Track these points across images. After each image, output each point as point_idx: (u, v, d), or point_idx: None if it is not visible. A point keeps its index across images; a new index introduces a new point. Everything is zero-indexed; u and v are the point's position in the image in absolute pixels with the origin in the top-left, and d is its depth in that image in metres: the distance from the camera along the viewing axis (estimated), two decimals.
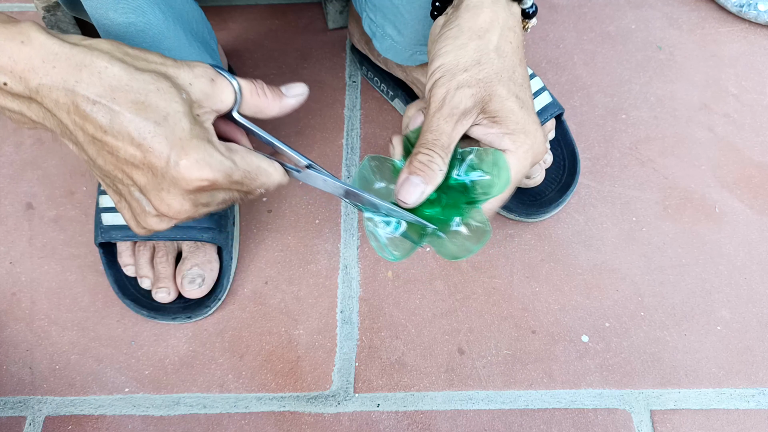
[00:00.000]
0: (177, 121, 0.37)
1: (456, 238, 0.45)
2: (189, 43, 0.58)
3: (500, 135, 0.45)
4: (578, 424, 0.59)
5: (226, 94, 0.40)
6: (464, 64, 0.44)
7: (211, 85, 0.39)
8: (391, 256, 0.46)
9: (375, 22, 0.67)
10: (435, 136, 0.44)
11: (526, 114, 0.45)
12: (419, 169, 0.44)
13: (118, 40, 0.53)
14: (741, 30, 0.85)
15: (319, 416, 0.60)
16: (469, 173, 0.45)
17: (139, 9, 0.52)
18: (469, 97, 0.44)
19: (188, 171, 0.37)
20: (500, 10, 0.46)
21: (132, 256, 0.64)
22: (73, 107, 0.37)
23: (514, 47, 0.46)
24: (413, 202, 0.44)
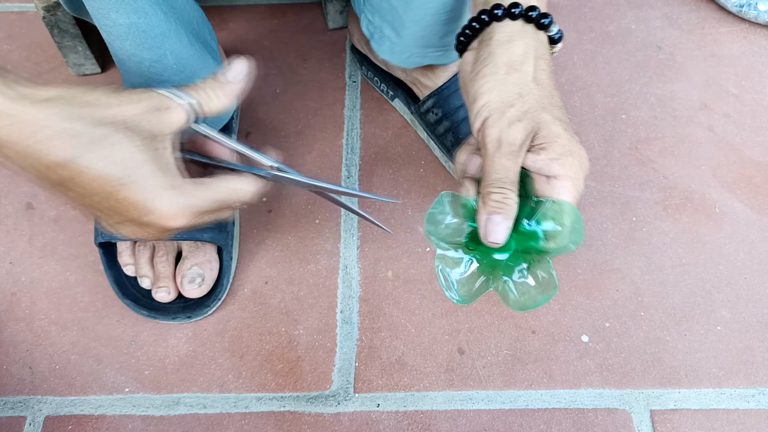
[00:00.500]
0: (140, 171, 0.38)
1: (523, 287, 0.46)
2: (191, 44, 0.58)
3: (548, 161, 0.45)
4: (578, 424, 0.59)
5: (175, 116, 0.41)
6: (508, 99, 0.45)
7: (158, 114, 0.40)
8: (459, 297, 0.47)
9: (373, 23, 0.67)
10: (502, 174, 0.45)
11: (570, 136, 0.46)
12: (497, 207, 0.44)
13: (120, 40, 0.54)
14: (741, 30, 0.85)
15: (319, 416, 0.60)
16: (541, 223, 0.45)
17: (141, 10, 0.52)
18: (521, 130, 0.44)
19: (159, 221, 0.40)
20: (530, 40, 0.47)
21: (132, 255, 0.64)
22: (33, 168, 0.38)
23: (548, 74, 0.47)
24: (503, 239, 0.45)
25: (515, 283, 0.47)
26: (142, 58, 0.55)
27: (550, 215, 0.45)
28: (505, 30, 0.47)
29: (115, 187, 0.38)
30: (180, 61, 0.57)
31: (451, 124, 0.69)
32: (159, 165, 0.39)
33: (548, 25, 0.48)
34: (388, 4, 0.62)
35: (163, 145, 0.40)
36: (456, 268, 0.48)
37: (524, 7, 0.47)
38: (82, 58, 0.78)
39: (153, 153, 0.39)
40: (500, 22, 0.48)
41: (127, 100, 0.39)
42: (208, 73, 0.61)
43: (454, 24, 0.62)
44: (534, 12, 0.47)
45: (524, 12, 0.47)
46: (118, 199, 0.39)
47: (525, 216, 0.46)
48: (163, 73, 0.57)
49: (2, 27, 0.85)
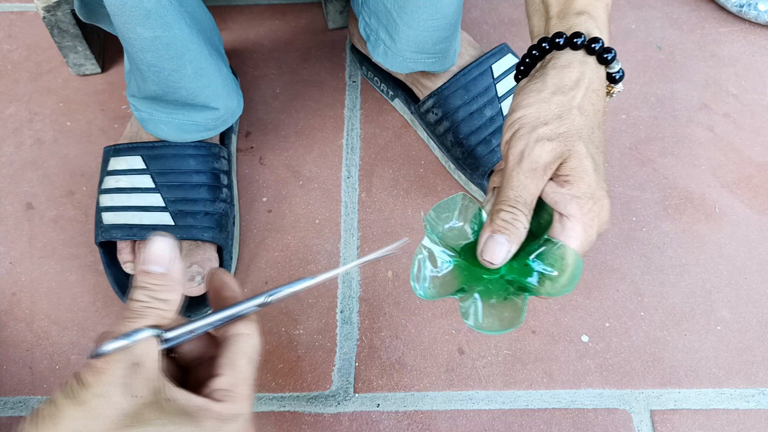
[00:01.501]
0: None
1: (490, 313, 0.43)
2: (209, 54, 0.59)
3: (568, 197, 0.42)
4: (578, 424, 0.59)
5: (152, 353, 0.32)
6: (545, 117, 0.43)
7: (142, 368, 0.31)
8: (422, 291, 0.44)
9: (370, 25, 0.67)
10: (516, 192, 0.42)
11: (598, 179, 0.42)
12: (503, 227, 0.41)
13: (142, 52, 0.54)
14: (741, 30, 0.85)
15: (319, 416, 0.60)
16: (541, 263, 0.43)
17: (167, 24, 0.53)
18: (549, 151, 0.42)
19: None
20: (588, 71, 0.45)
21: (132, 253, 0.64)
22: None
23: (595, 109, 0.45)
24: (500, 261, 0.42)
25: (485, 305, 0.43)
26: (162, 68, 0.56)
27: (553, 259, 0.42)
28: (564, 57, 0.45)
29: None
30: (198, 70, 0.58)
31: (451, 124, 0.69)
32: (190, 417, 0.32)
33: (610, 60, 0.46)
34: (383, 7, 0.62)
35: (168, 390, 0.32)
36: (434, 265, 0.45)
37: (587, 38, 0.45)
38: (82, 58, 0.78)
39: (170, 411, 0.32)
40: (561, 50, 0.46)
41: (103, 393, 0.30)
42: (222, 80, 0.61)
43: (447, 31, 0.62)
44: (597, 44, 0.45)
45: (586, 43, 0.45)
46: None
47: (530, 249, 0.43)
48: (180, 81, 0.58)
49: (2, 27, 0.85)
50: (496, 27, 0.85)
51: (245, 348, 0.35)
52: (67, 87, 0.80)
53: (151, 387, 0.31)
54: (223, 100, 0.63)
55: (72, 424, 0.29)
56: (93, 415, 0.29)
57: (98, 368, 0.30)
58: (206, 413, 0.32)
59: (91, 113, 0.78)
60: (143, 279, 0.34)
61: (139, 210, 0.62)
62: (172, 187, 0.63)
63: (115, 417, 0.30)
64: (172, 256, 0.34)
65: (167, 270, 0.34)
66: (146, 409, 0.31)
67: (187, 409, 0.32)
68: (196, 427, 0.32)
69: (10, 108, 0.78)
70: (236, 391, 0.34)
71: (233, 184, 0.70)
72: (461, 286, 0.44)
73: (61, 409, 0.29)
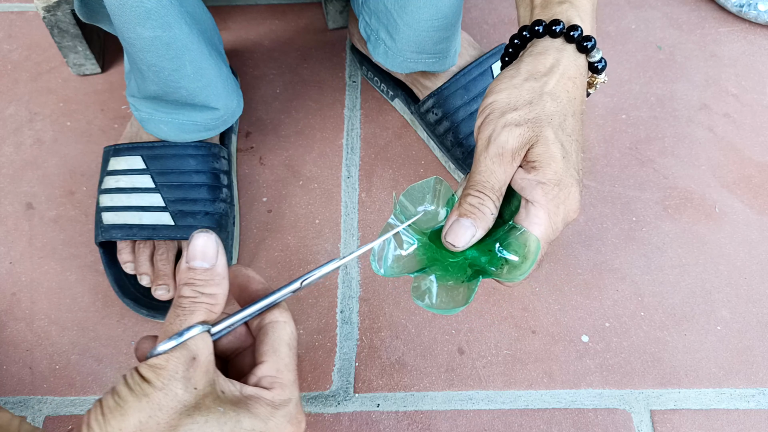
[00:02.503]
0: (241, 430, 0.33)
1: (445, 294, 0.43)
2: (209, 54, 0.59)
3: (534, 183, 0.42)
4: (578, 424, 0.59)
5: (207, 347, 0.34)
6: (515, 103, 0.43)
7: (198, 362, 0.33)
8: (383, 270, 0.44)
9: (370, 25, 0.67)
10: (484, 177, 0.42)
11: (567, 166, 0.42)
12: (470, 211, 0.42)
13: (142, 52, 0.54)
14: (741, 30, 0.85)
15: (319, 416, 0.60)
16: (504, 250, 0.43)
17: (167, 24, 0.53)
18: (516, 136, 0.42)
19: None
20: (564, 58, 0.44)
21: (132, 253, 0.64)
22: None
23: (570, 97, 0.44)
24: (463, 245, 0.42)
25: (440, 286, 0.43)
26: (161, 68, 0.56)
27: (516, 245, 0.42)
28: (542, 44, 0.45)
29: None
30: (198, 70, 0.58)
31: (451, 124, 0.69)
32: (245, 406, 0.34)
33: (590, 49, 0.45)
34: (384, 7, 0.62)
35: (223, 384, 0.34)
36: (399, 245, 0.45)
37: (566, 26, 0.45)
38: (82, 58, 0.78)
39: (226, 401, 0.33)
40: (540, 38, 0.46)
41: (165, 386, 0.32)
42: (222, 80, 0.61)
43: (447, 31, 0.62)
44: (576, 32, 0.45)
45: (565, 30, 0.45)
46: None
47: (496, 235, 0.43)
48: (180, 81, 0.58)
49: (2, 27, 0.85)
50: (496, 27, 0.85)
51: (284, 335, 0.37)
52: (67, 87, 0.80)
53: (208, 379, 0.33)
54: (223, 100, 0.63)
55: (138, 415, 0.31)
56: (157, 406, 0.31)
57: (159, 365, 0.32)
58: (259, 401, 0.34)
59: (91, 113, 0.78)
60: (189, 275, 0.35)
61: (139, 210, 0.62)
62: (172, 187, 0.63)
63: (177, 408, 0.31)
64: (215, 252, 0.35)
65: (211, 265, 0.35)
66: (206, 399, 0.32)
67: (241, 398, 0.34)
68: (251, 416, 0.33)
69: (10, 108, 0.78)
70: (282, 377, 0.35)
71: (233, 184, 0.70)
72: (422, 266, 0.44)
73: (127, 401, 0.31)
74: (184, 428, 0.31)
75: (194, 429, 0.32)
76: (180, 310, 0.34)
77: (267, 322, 0.37)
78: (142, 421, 0.31)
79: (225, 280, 0.35)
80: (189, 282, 0.35)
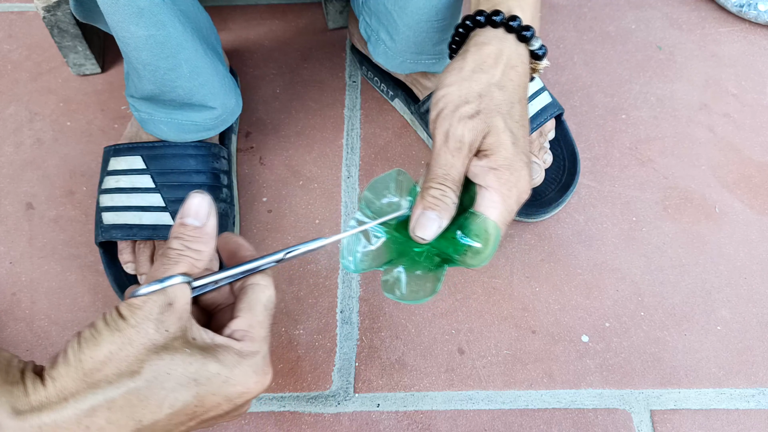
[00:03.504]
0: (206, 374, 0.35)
1: (414, 284, 0.45)
2: (204, 53, 0.59)
3: (486, 169, 0.44)
4: (578, 424, 0.59)
5: (185, 296, 0.36)
6: (466, 96, 0.45)
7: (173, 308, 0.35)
8: (354, 266, 0.46)
9: (370, 26, 0.67)
10: (445, 170, 0.44)
11: (516, 151, 0.44)
12: (433, 204, 0.44)
13: (137, 51, 0.55)
14: (741, 30, 0.85)
15: (319, 416, 0.60)
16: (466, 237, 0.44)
17: (161, 23, 0.53)
18: (470, 129, 0.44)
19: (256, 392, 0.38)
20: (506, 48, 0.47)
21: (132, 253, 0.64)
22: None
23: (515, 84, 0.46)
24: (431, 236, 0.44)
25: (408, 277, 0.45)
26: (157, 67, 0.56)
27: (477, 232, 0.44)
28: (484, 35, 0.47)
29: (192, 410, 0.35)
30: (194, 69, 0.58)
31: None
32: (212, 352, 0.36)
33: (529, 38, 0.48)
34: (384, 8, 0.62)
35: (195, 331, 0.37)
36: (367, 240, 0.46)
37: (506, 16, 0.47)
38: (82, 58, 0.78)
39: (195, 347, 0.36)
40: (482, 28, 0.48)
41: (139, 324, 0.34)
42: (219, 79, 0.61)
43: (447, 32, 0.62)
44: (515, 22, 0.47)
45: (505, 20, 0.47)
46: (205, 411, 0.36)
47: (458, 224, 0.45)
48: (176, 80, 0.58)
49: (2, 27, 0.85)
50: None
51: (261, 296, 0.40)
52: (67, 87, 0.80)
53: (181, 325, 0.35)
54: (221, 99, 0.63)
55: (109, 347, 0.33)
56: (128, 341, 0.34)
57: (136, 305, 0.34)
58: (227, 349, 0.36)
59: (91, 113, 0.78)
60: (180, 230, 0.38)
61: (139, 210, 0.62)
62: (172, 187, 0.63)
63: (147, 344, 0.34)
64: (207, 213, 0.38)
65: (202, 224, 0.38)
66: (175, 342, 0.35)
67: (211, 346, 0.36)
68: (218, 362, 0.36)
69: (10, 108, 0.78)
70: (253, 332, 0.38)
71: (233, 184, 0.70)
72: (391, 258, 0.46)
73: (102, 333, 0.34)
74: (151, 363, 0.34)
75: (160, 365, 0.34)
76: (166, 260, 0.37)
77: (248, 284, 0.40)
78: (113, 351, 0.33)
79: (212, 240, 0.38)
80: (179, 236, 0.37)
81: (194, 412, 0.36)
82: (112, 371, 0.33)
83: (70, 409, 0.33)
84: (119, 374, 0.33)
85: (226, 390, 0.36)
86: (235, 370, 0.36)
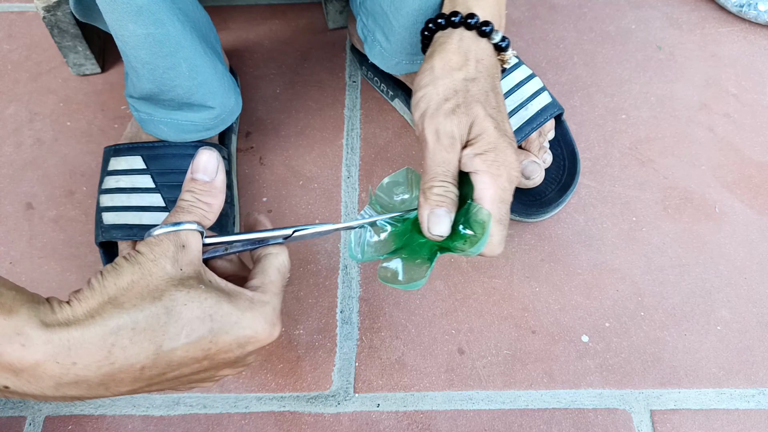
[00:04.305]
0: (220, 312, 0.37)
1: (410, 271, 0.48)
2: (204, 52, 0.59)
3: (472, 156, 0.46)
4: (578, 424, 0.59)
5: (197, 242, 0.39)
6: (445, 93, 0.48)
7: (187, 250, 0.38)
8: (361, 256, 0.49)
9: (367, 26, 0.67)
10: (444, 167, 0.46)
11: (500, 134, 0.47)
12: (440, 201, 0.46)
13: (135, 49, 0.55)
14: (741, 30, 0.85)
15: (319, 416, 0.60)
16: (466, 227, 0.47)
17: (159, 21, 0.53)
18: (457, 123, 0.46)
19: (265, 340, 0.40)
20: (470, 45, 0.50)
21: None
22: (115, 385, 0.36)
23: (485, 76, 0.49)
24: (446, 231, 0.46)
25: (405, 266, 0.48)
26: (156, 66, 0.56)
27: (474, 221, 0.46)
28: (446, 35, 0.51)
29: (206, 346, 0.37)
30: (193, 68, 0.58)
31: None
32: (226, 295, 0.38)
33: (489, 32, 0.50)
34: (380, 9, 0.62)
35: (209, 275, 0.39)
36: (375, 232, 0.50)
37: (464, 15, 0.50)
38: (82, 58, 0.78)
39: (210, 289, 0.38)
40: (444, 30, 0.51)
41: (156, 259, 0.37)
42: (219, 78, 0.61)
43: None
44: (473, 20, 0.50)
45: (463, 20, 0.50)
46: (218, 351, 0.38)
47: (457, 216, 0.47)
48: (175, 79, 0.57)
49: (2, 27, 0.85)
50: None
51: (274, 261, 0.43)
52: (67, 87, 0.80)
53: (194, 268, 0.38)
54: (220, 99, 0.62)
55: (131, 276, 0.36)
56: (147, 272, 0.36)
57: (153, 242, 0.37)
58: (240, 295, 0.39)
59: (91, 113, 0.78)
60: (190, 185, 0.41)
61: (139, 210, 0.62)
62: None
63: (165, 277, 0.36)
64: (215, 168, 0.41)
65: (211, 179, 0.41)
66: (191, 280, 0.37)
67: (225, 289, 0.39)
68: (231, 303, 0.38)
69: (10, 108, 0.78)
70: (266, 287, 0.41)
71: (233, 184, 0.70)
72: (394, 249, 0.49)
73: (122, 266, 0.37)
74: (170, 293, 0.36)
75: (178, 297, 0.36)
76: (179, 209, 0.40)
77: (262, 254, 0.43)
78: (134, 281, 0.36)
79: (221, 194, 0.41)
80: (190, 190, 0.41)
81: (209, 349, 0.37)
82: (135, 296, 0.35)
83: (96, 327, 0.34)
84: (142, 298, 0.35)
85: (237, 332, 0.38)
86: (246, 314, 0.38)
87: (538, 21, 0.85)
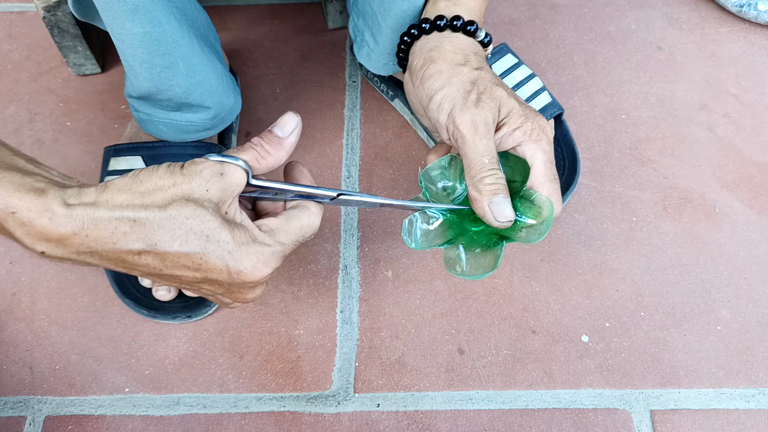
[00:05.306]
0: (217, 236, 0.40)
1: (474, 261, 0.49)
2: (201, 50, 0.59)
3: (510, 133, 0.49)
4: (578, 424, 0.59)
5: (237, 177, 0.42)
6: (464, 88, 0.49)
7: (222, 179, 0.41)
8: (415, 244, 0.50)
9: (357, 26, 0.67)
10: (489, 156, 0.48)
11: (525, 106, 0.50)
12: (495, 189, 0.47)
13: (132, 48, 0.55)
14: (741, 30, 0.85)
15: (319, 416, 0.60)
16: (525, 215, 0.48)
17: (156, 20, 0.53)
18: (488, 109, 0.48)
19: (250, 276, 0.42)
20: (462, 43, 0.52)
21: None
22: (121, 262, 0.41)
23: (486, 65, 0.52)
24: (512, 215, 0.47)
25: (468, 255, 0.49)
26: (153, 65, 0.56)
27: (531, 209, 0.47)
28: (434, 39, 0.52)
29: (197, 260, 0.40)
30: (191, 67, 0.58)
31: None
32: (232, 226, 0.41)
33: (474, 31, 0.53)
34: (369, 9, 0.62)
35: (231, 208, 0.42)
36: (426, 220, 0.51)
37: (449, 18, 0.52)
38: (82, 58, 0.78)
39: (223, 217, 0.41)
40: (429, 35, 0.53)
41: (188, 175, 0.40)
42: (217, 77, 0.61)
43: None
44: (458, 21, 0.52)
45: (449, 23, 0.52)
46: (207, 269, 0.41)
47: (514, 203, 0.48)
48: (173, 78, 0.57)
49: (2, 27, 0.85)
50: (496, 27, 0.85)
51: (303, 216, 0.44)
52: (67, 87, 0.80)
53: (220, 195, 0.41)
54: (218, 98, 0.62)
55: (162, 180, 0.40)
56: (174, 182, 0.40)
57: (196, 162, 0.41)
58: (245, 229, 0.41)
59: (91, 113, 0.78)
60: (263, 133, 0.44)
61: None
62: None
63: (185, 191, 0.40)
64: (291, 130, 0.44)
65: (284, 136, 0.44)
66: (207, 203, 0.40)
67: (235, 223, 0.41)
68: (230, 234, 0.40)
69: (10, 108, 0.78)
70: (278, 233, 0.43)
71: None
72: (449, 238, 0.50)
73: (161, 170, 0.41)
74: (179, 204, 0.39)
75: (183, 210, 0.39)
76: (240, 147, 0.43)
77: (301, 204, 0.45)
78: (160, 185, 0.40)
79: (286, 153, 0.44)
80: (260, 136, 0.44)
81: (199, 264, 0.40)
82: (151, 197, 0.39)
83: (106, 211, 0.39)
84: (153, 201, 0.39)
85: (227, 260, 0.40)
86: (241, 248, 0.41)
87: (538, 21, 0.85)
